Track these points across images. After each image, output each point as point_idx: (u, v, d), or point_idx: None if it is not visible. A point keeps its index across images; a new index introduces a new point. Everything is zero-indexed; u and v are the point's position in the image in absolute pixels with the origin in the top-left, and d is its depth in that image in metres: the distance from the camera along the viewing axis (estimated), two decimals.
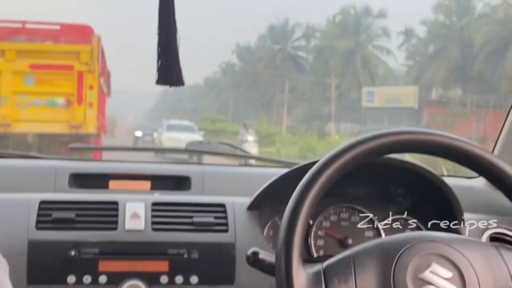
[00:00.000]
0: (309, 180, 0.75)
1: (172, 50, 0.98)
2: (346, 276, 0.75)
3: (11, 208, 1.07)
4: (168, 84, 1.00)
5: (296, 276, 0.73)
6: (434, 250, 0.77)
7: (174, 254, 1.04)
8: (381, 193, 1.20)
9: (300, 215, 0.74)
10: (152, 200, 1.13)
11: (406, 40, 32.14)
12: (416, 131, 0.79)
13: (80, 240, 1.03)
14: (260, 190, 1.13)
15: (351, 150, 0.76)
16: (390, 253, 0.77)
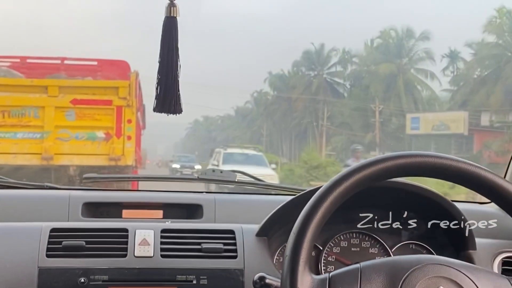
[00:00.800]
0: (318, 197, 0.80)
1: (172, 78, 1.04)
2: (351, 287, 0.78)
3: (22, 236, 1.15)
4: (166, 112, 1.06)
5: (301, 280, 0.78)
6: (444, 273, 0.80)
7: (183, 281, 1.10)
8: (392, 218, 1.20)
9: (311, 223, 0.79)
10: (162, 227, 1.20)
11: (450, 63, 31.74)
12: (424, 154, 0.83)
13: (90, 267, 1.10)
14: (268, 216, 1.20)
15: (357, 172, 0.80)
16: (398, 271, 0.80)
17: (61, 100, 7.26)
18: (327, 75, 36.46)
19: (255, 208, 1.41)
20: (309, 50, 36.58)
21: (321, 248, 1.22)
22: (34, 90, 7.30)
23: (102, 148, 7.34)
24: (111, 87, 7.37)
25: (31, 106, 7.27)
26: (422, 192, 1.17)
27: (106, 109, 7.28)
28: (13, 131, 7.28)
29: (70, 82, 7.48)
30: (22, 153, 7.23)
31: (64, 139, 7.34)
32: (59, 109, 7.28)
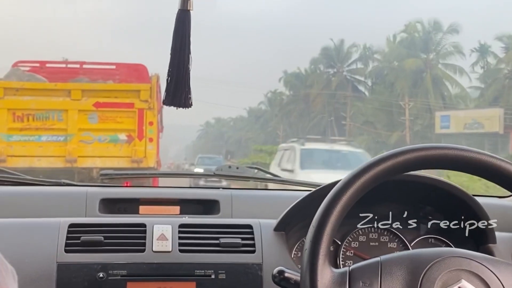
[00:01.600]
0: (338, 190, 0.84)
1: (183, 71, 1.08)
2: (372, 280, 0.83)
3: (41, 231, 1.21)
4: (176, 106, 1.10)
5: (321, 273, 0.82)
6: (465, 266, 0.84)
7: (202, 275, 1.16)
8: (411, 212, 1.27)
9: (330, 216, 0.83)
10: (180, 222, 1.26)
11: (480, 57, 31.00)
12: (445, 147, 0.86)
13: (108, 262, 1.16)
14: (286, 210, 1.26)
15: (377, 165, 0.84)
16: (419, 264, 0.84)
17: (84, 104, 7.86)
18: (347, 72, 36.32)
19: (272, 203, 1.48)
20: (328, 46, 36.64)
21: (340, 242, 1.28)
22: (58, 94, 7.91)
23: (124, 150, 7.94)
24: (132, 90, 7.94)
25: (54, 110, 7.89)
26: (442, 185, 1.22)
27: (128, 112, 7.88)
28: (37, 134, 7.88)
29: (92, 86, 8.07)
30: (46, 156, 7.84)
31: (87, 141, 7.94)
32: (82, 112, 7.89)
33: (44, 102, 7.87)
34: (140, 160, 7.89)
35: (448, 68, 31.74)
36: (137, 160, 7.88)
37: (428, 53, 31.61)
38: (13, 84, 7.92)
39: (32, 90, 7.87)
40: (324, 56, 36.83)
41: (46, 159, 7.87)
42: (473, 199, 1.22)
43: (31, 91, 7.87)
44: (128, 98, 7.90)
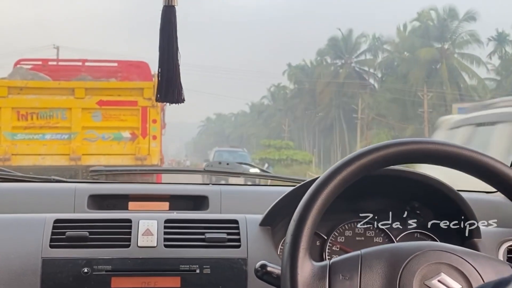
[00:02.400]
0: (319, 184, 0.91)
1: (173, 67, 1.16)
2: (352, 273, 0.90)
3: (26, 227, 1.28)
4: (168, 102, 1.19)
5: (301, 266, 0.89)
6: (445, 260, 0.91)
7: (186, 270, 1.23)
8: (396, 207, 1.35)
9: (311, 210, 0.90)
10: (165, 217, 1.33)
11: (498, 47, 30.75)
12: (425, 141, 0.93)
13: (93, 257, 1.22)
14: (272, 205, 1.33)
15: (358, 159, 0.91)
16: (399, 258, 0.91)
17: (88, 102, 8.33)
18: (356, 63, 36.79)
19: (261, 199, 1.55)
20: (335, 36, 37.03)
21: (326, 237, 1.36)
22: (61, 92, 8.38)
23: (128, 148, 8.42)
24: (136, 88, 8.39)
25: (58, 108, 8.36)
26: (428, 181, 1.29)
27: (132, 110, 8.35)
28: (41, 133, 8.37)
29: (96, 84, 8.52)
30: (50, 154, 8.33)
31: (91, 139, 8.43)
32: (85, 111, 8.37)
33: (48, 100, 8.34)
34: (144, 158, 8.33)
35: (464, 58, 31.59)
36: (141, 158, 8.32)
37: (443, 42, 31.48)
38: (17, 83, 8.38)
39: (36, 89, 8.33)
40: (331, 47, 37.19)
41: (51, 157, 8.34)
42: (458, 195, 1.29)
43: (35, 89, 8.32)
44: (131, 96, 8.35)
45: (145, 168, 4.71)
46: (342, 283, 0.89)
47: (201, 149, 62.49)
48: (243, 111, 57.08)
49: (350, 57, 36.69)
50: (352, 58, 36.96)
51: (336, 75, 36.65)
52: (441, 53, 31.25)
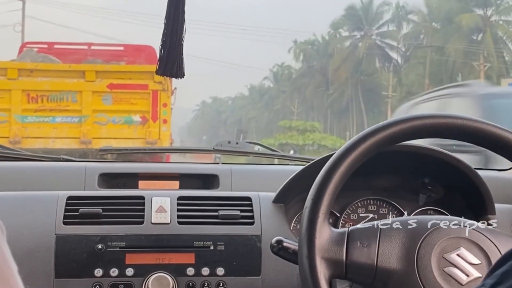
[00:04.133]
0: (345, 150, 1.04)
1: (176, 40, 1.30)
2: (370, 241, 1.03)
3: (39, 204, 1.45)
4: (168, 75, 1.35)
5: (319, 230, 1.00)
6: (465, 235, 1.03)
7: (200, 247, 1.39)
8: (410, 184, 1.53)
9: (334, 175, 1.01)
10: (178, 194, 1.51)
11: None
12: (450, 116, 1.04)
13: (107, 234, 1.38)
14: (285, 182, 1.50)
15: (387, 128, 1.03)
16: (418, 230, 1.03)
17: (98, 85, 9.23)
18: (376, 36, 37.33)
19: (271, 178, 1.74)
20: (353, 5, 37.10)
21: (338, 215, 1.52)
22: (72, 75, 9.27)
23: (138, 132, 9.36)
24: (147, 72, 9.18)
25: (69, 91, 9.28)
26: (442, 156, 1.43)
27: (142, 93, 9.27)
28: (52, 116, 9.32)
29: (106, 67, 9.42)
30: (61, 137, 9.28)
31: (101, 123, 9.40)
32: (96, 94, 9.28)
33: (58, 83, 9.24)
34: (154, 142, 9.22)
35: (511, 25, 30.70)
36: (152, 142, 9.21)
37: (486, 8, 31.13)
38: (27, 65, 9.29)
39: (46, 71, 9.25)
40: (348, 17, 37.34)
41: (61, 141, 9.27)
42: (474, 172, 1.42)
43: (45, 72, 9.23)
44: (142, 80, 9.26)
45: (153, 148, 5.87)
46: (360, 250, 1.01)
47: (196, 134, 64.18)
48: (242, 94, 58.25)
49: (370, 28, 37.02)
50: (373, 30, 37.29)
51: (353, 50, 36.89)
52: (484, 20, 31.02)
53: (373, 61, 36.01)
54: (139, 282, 1.38)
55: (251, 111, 51.90)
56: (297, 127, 30.31)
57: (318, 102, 37.36)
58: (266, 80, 52.39)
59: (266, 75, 51.21)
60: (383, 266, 1.03)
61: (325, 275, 1.02)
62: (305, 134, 29.41)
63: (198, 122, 71.69)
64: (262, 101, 50.80)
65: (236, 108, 59.57)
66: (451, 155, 1.46)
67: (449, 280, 1.02)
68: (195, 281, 1.39)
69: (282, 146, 26.74)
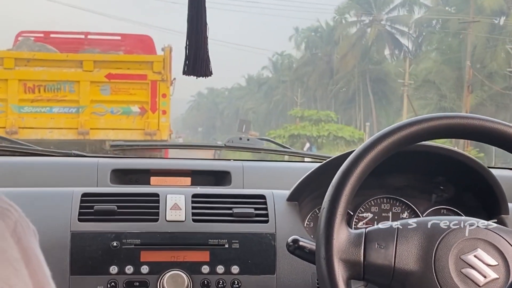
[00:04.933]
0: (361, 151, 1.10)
1: (201, 39, 1.40)
2: (387, 243, 1.08)
3: (54, 201, 1.52)
4: (196, 75, 1.43)
5: (337, 231, 1.06)
6: (482, 236, 1.09)
7: (215, 245, 1.47)
8: (423, 183, 1.62)
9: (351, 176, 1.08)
10: (193, 192, 1.58)
11: None
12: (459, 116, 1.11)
13: (122, 231, 1.45)
14: (299, 180, 1.57)
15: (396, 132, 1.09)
16: (436, 231, 1.09)
17: (96, 75, 9.55)
18: (386, 21, 36.41)
19: (283, 175, 1.85)
20: None
21: (352, 213, 1.60)
22: (69, 65, 9.59)
23: (137, 122, 9.70)
24: (145, 62, 9.61)
25: (66, 81, 9.61)
26: (457, 156, 1.51)
27: (141, 84, 9.60)
28: (49, 106, 9.66)
29: (105, 57, 9.71)
30: (58, 128, 9.63)
31: (99, 113, 9.74)
32: (94, 84, 9.61)
33: (56, 73, 9.55)
34: (153, 133, 9.61)
35: None
36: (151, 133, 9.60)
37: None
38: (24, 54, 9.62)
39: (43, 61, 9.56)
40: (356, 1, 36.59)
41: (58, 131, 9.66)
42: (487, 170, 1.49)
43: (42, 61, 9.56)
44: (141, 70, 9.60)
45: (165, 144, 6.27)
46: (377, 251, 1.08)
47: (191, 126, 64.79)
48: (239, 85, 58.29)
49: (379, 13, 36.34)
50: (383, 15, 36.62)
51: (361, 37, 36.33)
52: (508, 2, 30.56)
53: (383, 48, 35.85)
54: (154, 280, 1.44)
55: (248, 102, 52.02)
56: (310, 117, 28.82)
57: (322, 91, 37.10)
58: (265, 70, 52.75)
59: (265, 64, 51.59)
60: (401, 268, 1.09)
61: (343, 277, 1.07)
62: (319, 125, 28.31)
63: (193, 114, 72.46)
64: (260, 92, 50.95)
65: (233, 99, 59.90)
66: (465, 154, 1.53)
67: (466, 281, 1.07)
68: (210, 279, 1.46)
69: (294, 138, 25.78)
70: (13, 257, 0.61)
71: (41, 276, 0.64)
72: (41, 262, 0.65)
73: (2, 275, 0.57)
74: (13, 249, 0.62)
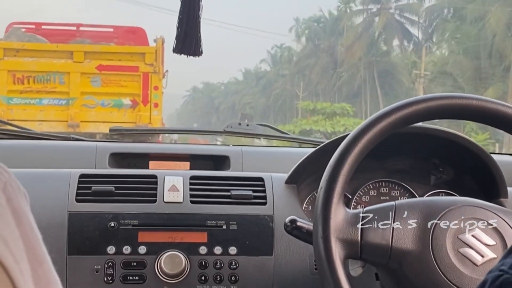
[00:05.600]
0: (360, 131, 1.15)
1: (193, 18, 1.44)
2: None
3: (52, 181, 1.59)
4: (185, 54, 1.48)
5: (334, 211, 1.11)
6: (480, 215, 1.14)
7: (213, 226, 1.54)
8: (422, 165, 1.67)
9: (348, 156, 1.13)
10: (191, 174, 1.65)
11: None
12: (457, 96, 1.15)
13: (120, 211, 1.52)
14: (297, 163, 1.63)
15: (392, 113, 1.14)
16: (434, 210, 1.14)
17: (87, 66, 9.76)
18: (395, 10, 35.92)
19: (282, 159, 1.93)
20: None
21: (350, 197, 1.66)
22: (59, 56, 9.77)
23: (128, 115, 9.93)
24: (137, 53, 9.81)
25: (56, 72, 9.81)
26: (455, 139, 1.56)
27: (133, 76, 9.81)
28: (38, 98, 9.87)
29: (95, 48, 9.88)
30: (47, 120, 9.83)
31: (90, 106, 9.97)
32: (84, 75, 9.81)
33: (45, 64, 9.74)
34: (145, 126, 9.60)
35: None
36: (142, 126, 9.55)
37: None
38: (13, 44, 9.79)
39: (33, 51, 9.74)
40: None
41: (48, 124, 9.79)
42: (486, 153, 1.55)
43: (32, 52, 9.74)
44: (132, 61, 9.82)
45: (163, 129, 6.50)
46: (375, 231, 1.13)
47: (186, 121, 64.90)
48: (235, 79, 58.88)
49: (388, 1, 36.06)
50: (391, 3, 36.33)
51: (368, 26, 35.91)
52: None
53: (391, 38, 35.87)
54: (152, 260, 1.51)
55: (245, 97, 52.20)
56: (323, 110, 28.26)
57: (325, 85, 36.95)
58: (263, 63, 52.88)
59: (263, 57, 51.72)
60: (398, 247, 1.14)
61: (340, 256, 1.12)
62: (333, 119, 27.61)
63: (188, 109, 73.08)
64: (258, 86, 51.21)
65: (229, 93, 60.39)
66: (464, 136, 1.58)
67: (464, 261, 1.12)
68: (208, 259, 1.53)
69: (305, 134, 24.55)
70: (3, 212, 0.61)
71: (33, 238, 0.64)
72: (32, 225, 0.65)
73: None
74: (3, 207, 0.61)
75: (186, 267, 1.51)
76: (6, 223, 0.60)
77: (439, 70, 31.03)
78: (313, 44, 41.05)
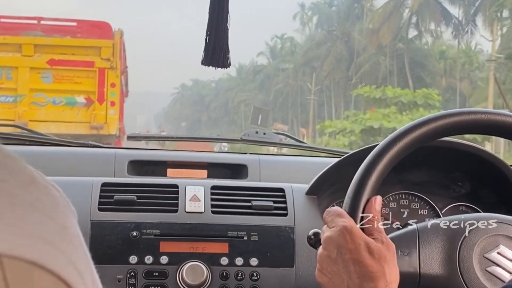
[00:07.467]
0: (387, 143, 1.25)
1: (222, 29, 1.63)
2: (410, 249, 1.23)
3: (74, 190, 1.74)
4: (214, 65, 1.67)
5: None
6: (503, 231, 1.24)
7: (234, 237, 1.70)
8: (441, 178, 1.82)
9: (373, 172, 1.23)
10: (211, 184, 1.81)
11: None
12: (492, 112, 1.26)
13: (142, 221, 1.68)
14: (318, 174, 1.77)
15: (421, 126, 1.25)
16: (456, 231, 1.24)
17: (37, 60, 9.97)
18: None
19: (300, 169, 2.12)
20: None
21: None
22: (7, 49, 9.92)
23: (82, 115, 10.20)
24: (93, 47, 10.06)
25: (3, 66, 10.04)
26: (474, 151, 1.71)
27: (87, 71, 10.08)
28: None
29: (47, 41, 10.08)
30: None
31: (40, 104, 10.23)
32: (34, 70, 10.05)
33: None
34: (100, 127, 10.15)
35: None
36: (97, 127, 10.14)
37: None
38: None
39: None
40: None
41: None
42: (506, 165, 1.70)
43: None
44: (87, 56, 10.11)
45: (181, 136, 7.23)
46: (401, 259, 1.22)
47: (174, 120, 65.20)
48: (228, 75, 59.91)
49: None
50: None
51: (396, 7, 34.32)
52: None
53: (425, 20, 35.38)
54: (174, 270, 1.67)
55: (240, 93, 52.65)
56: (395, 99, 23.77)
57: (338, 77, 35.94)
58: (260, 57, 53.18)
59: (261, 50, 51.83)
60: (427, 273, 1.24)
61: None
62: (415, 111, 23.10)
63: (177, 107, 75.36)
64: (255, 81, 51.95)
65: (221, 90, 61.98)
66: (484, 149, 1.72)
67: (492, 279, 1.23)
68: (229, 270, 1.69)
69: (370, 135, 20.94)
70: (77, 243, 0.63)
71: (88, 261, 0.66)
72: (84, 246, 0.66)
73: (65, 250, 0.59)
74: (77, 237, 0.64)
75: (208, 278, 1.68)
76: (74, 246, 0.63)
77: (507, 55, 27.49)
78: (326, 31, 40.32)
